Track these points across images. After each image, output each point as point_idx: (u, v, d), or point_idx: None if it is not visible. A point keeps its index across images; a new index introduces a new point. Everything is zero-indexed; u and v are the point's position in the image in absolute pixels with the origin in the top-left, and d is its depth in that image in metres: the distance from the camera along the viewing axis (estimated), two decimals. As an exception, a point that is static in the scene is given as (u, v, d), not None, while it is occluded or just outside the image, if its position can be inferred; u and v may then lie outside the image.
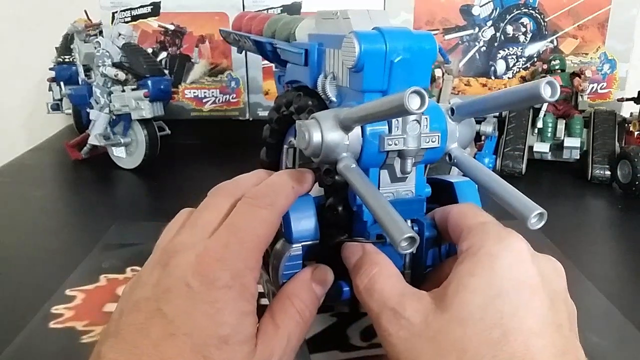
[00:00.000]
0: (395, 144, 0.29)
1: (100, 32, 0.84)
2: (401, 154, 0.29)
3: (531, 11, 0.88)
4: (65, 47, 0.90)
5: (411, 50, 0.29)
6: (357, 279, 0.28)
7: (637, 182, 0.67)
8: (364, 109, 0.26)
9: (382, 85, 0.30)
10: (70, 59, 0.88)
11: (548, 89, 0.23)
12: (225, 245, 0.25)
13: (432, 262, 0.32)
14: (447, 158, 0.32)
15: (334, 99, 0.33)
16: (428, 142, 0.30)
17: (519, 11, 0.88)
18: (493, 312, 0.23)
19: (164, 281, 0.24)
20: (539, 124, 0.78)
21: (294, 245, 0.30)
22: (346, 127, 0.28)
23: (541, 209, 0.26)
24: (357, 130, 0.28)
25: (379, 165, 0.30)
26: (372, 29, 0.30)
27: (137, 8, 0.88)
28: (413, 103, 0.22)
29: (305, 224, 0.30)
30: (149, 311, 0.24)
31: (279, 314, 0.28)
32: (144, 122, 0.78)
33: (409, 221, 0.31)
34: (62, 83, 0.87)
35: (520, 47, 0.89)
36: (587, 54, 0.89)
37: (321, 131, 0.28)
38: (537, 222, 0.26)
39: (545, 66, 0.83)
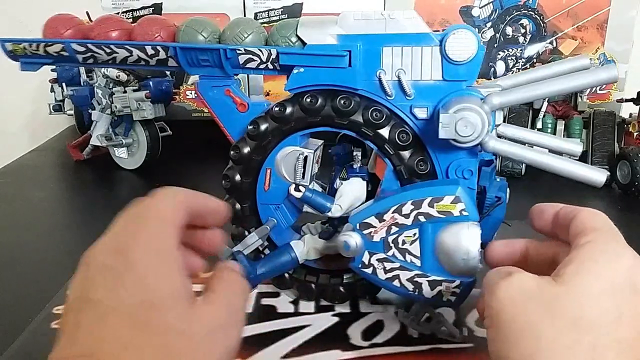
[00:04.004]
0: (498, 118, 0.35)
1: (102, 34, 0.84)
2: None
3: (530, 12, 0.88)
4: (67, 48, 0.90)
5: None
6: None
7: (636, 183, 0.68)
8: (546, 87, 0.32)
9: (477, 73, 0.35)
10: (72, 60, 0.88)
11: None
12: (135, 222, 0.26)
13: None
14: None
15: (410, 93, 0.36)
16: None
17: (518, 12, 0.88)
18: (610, 298, 0.25)
19: (87, 274, 0.25)
20: (539, 125, 0.78)
21: (477, 222, 0.35)
22: (489, 111, 0.33)
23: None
24: None
25: None
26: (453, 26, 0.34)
27: (138, 9, 0.88)
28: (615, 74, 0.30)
29: (472, 204, 0.35)
30: (80, 305, 0.24)
31: (215, 281, 0.27)
32: (145, 122, 0.78)
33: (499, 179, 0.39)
34: (64, 84, 0.87)
35: (519, 48, 0.90)
36: (586, 54, 0.89)
37: (482, 118, 0.32)
38: None
39: (544, 67, 0.83)
